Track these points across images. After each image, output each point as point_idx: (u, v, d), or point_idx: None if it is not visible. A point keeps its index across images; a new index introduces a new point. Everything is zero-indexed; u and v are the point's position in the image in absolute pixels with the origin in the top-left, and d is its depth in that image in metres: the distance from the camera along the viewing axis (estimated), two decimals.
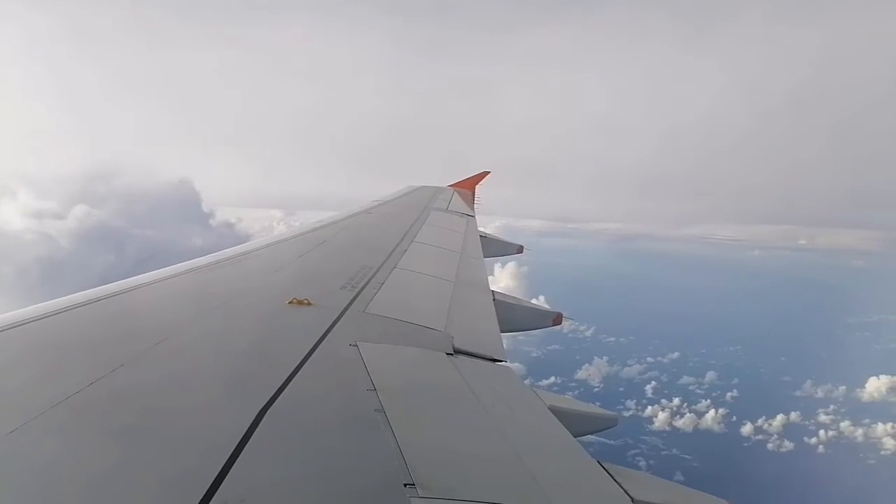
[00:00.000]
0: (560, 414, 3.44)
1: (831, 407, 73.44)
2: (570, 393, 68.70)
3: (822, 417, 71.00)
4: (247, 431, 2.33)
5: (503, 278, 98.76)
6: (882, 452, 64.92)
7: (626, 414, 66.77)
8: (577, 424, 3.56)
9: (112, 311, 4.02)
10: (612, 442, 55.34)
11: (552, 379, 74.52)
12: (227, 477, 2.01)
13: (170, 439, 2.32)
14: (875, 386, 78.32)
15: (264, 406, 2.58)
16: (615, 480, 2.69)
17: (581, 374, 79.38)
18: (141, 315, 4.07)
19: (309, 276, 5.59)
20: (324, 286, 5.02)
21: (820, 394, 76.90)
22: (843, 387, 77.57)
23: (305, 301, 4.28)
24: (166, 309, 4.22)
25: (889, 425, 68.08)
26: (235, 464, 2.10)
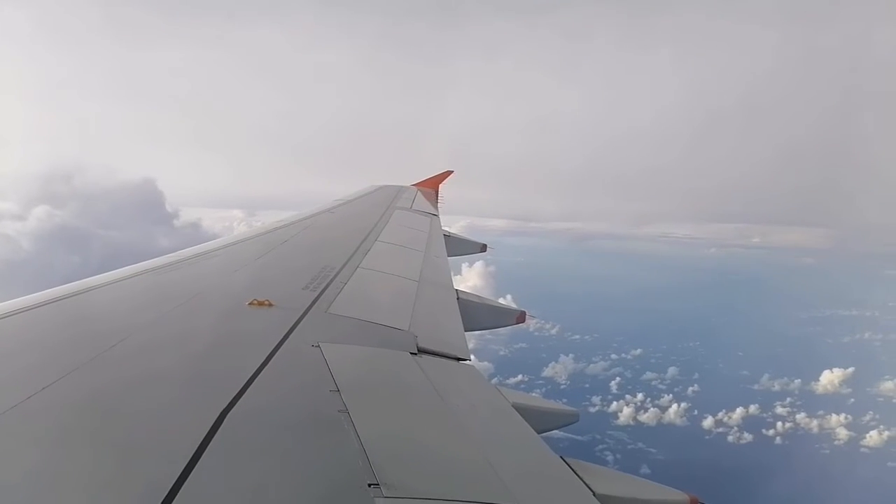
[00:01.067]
0: (523, 411, 3.45)
1: (787, 399, 75.93)
2: (538, 390, 69.49)
3: (779, 410, 73.34)
4: (206, 435, 2.28)
5: (471, 277, 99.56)
6: (836, 442, 67.44)
7: (591, 410, 68.09)
8: (540, 421, 3.58)
9: (67, 313, 3.90)
10: (579, 437, 56.34)
11: (519, 377, 75.27)
12: (185, 482, 1.97)
13: (126, 445, 2.25)
14: (828, 379, 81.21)
15: (224, 409, 2.53)
16: (577, 475, 2.72)
17: (548, 372, 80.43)
18: (97, 317, 3.95)
19: (270, 276, 5.49)
20: (285, 286, 4.94)
21: (777, 387, 79.39)
22: (799, 380, 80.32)
23: (266, 302, 4.20)
24: (123, 310, 4.11)
25: (842, 416, 70.78)
26: (195, 469, 2.05)
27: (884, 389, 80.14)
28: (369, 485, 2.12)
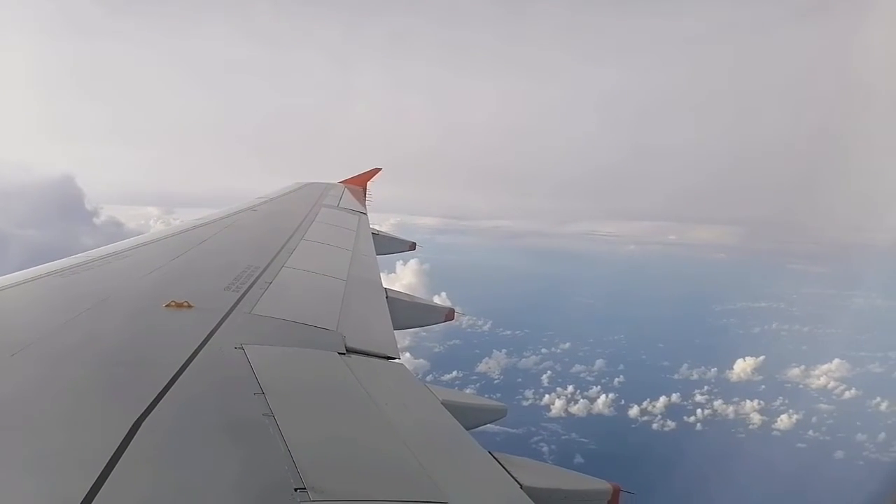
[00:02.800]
0: (453, 408, 3.47)
1: (705, 388, 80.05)
2: (472, 386, 70.66)
3: (698, 398, 77.23)
4: (120, 444, 2.18)
5: (405, 275, 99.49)
6: (750, 427, 71.72)
7: (525, 403, 69.53)
8: (469, 417, 3.64)
9: None
10: (514, 430, 57.59)
11: (454, 373, 75.96)
12: (98, 495, 1.88)
13: (33, 458, 2.13)
14: (741, 367, 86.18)
15: (140, 416, 2.42)
16: (505, 469, 2.77)
17: (481, 367, 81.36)
18: (0, 321, 3.72)
19: (189, 276, 5.29)
20: (205, 287, 4.77)
21: (695, 376, 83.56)
22: (715, 369, 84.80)
23: (185, 303, 4.05)
24: (30, 314, 3.89)
25: (755, 402, 75.28)
26: (108, 480, 1.96)
27: (791, 376, 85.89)
28: (296, 489, 2.08)
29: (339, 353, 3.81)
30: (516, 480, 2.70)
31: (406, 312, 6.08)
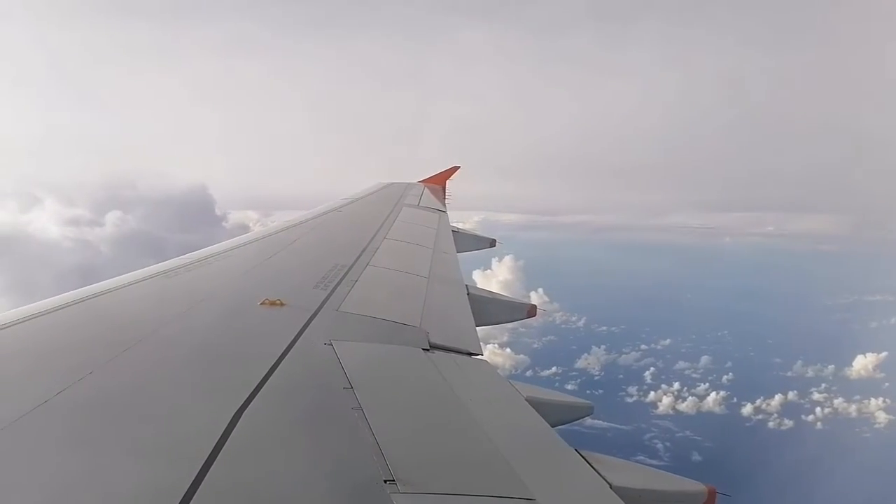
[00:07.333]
0: (537, 405, 3.42)
1: (823, 385, 74.72)
2: (573, 382, 69.90)
3: (816, 396, 72.20)
4: (223, 434, 2.29)
5: (501, 272, 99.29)
6: (876, 426, 66.18)
7: (629, 400, 67.88)
8: (554, 414, 3.58)
9: (81, 315, 3.90)
10: (624, 427, 56.57)
11: (553, 369, 75.06)
12: (203, 481, 1.97)
13: (143, 446, 2.26)
14: (862, 364, 79.67)
15: (240, 408, 2.53)
16: (593, 468, 2.71)
17: (580, 364, 79.64)
18: (110, 319, 3.93)
19: (280, 276, 5.51)
20: (296, 286, 4.95)
21: (811, 373, 78.03)
22: (832, 366, 78.86)
23: (278, 301, 4.19)
24: (136, 313, 4.10)
25: (880, 400, 69.34)
26: (212, 467, 2.06)
27: None
28: (385, 481, 2.12)
29: (423, 349, 3.85)
30: (605, 480, 2.62)
31: (487, 309, 6.07)
